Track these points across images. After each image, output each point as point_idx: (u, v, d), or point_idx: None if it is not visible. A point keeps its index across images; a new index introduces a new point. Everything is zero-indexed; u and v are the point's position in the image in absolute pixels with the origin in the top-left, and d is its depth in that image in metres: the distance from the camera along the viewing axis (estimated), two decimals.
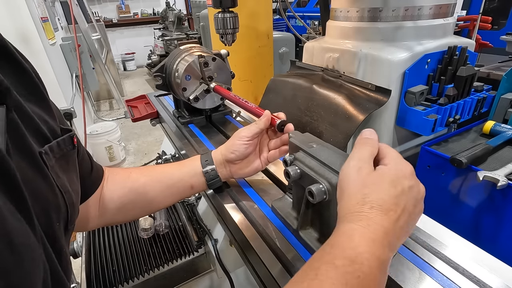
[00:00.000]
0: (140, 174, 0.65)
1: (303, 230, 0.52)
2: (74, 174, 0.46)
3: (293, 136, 0.54)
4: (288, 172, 0.48)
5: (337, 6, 1.10)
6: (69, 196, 0.39)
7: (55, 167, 0.38)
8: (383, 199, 0.35)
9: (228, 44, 1.15)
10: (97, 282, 0.79)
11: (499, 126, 1.01)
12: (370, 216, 0.34)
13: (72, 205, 0.40)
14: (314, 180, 0.45)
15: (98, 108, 4.78)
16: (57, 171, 0.38)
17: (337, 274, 0.31)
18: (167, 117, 1.15)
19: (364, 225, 0.33)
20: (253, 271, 0.58)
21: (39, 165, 0.34)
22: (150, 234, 0.92)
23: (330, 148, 0.49)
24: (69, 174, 0.43)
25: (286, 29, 3.62)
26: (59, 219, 0.36)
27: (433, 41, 0.97)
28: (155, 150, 3.32)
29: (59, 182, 0.37)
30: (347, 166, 0.39)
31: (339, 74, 1.03)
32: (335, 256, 0.32)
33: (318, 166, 0.46)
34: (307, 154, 0.49)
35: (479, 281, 0.44)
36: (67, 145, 0.43)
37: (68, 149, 0.43)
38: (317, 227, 0.51)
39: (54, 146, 0.39)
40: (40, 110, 0.40)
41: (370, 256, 0.32)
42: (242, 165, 0.65)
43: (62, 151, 0.41)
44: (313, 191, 0.42)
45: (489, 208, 0.88)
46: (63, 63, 3.03)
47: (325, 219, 0.48)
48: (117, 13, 7.12)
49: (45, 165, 0.35)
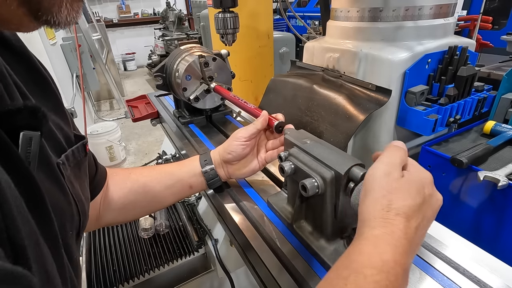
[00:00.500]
0: (139, 174, 0.65)
1: (297, 224, 0.54)
2: (85, 181, 0.46)
3: (288, 132, 0.55)
4: (282, 167, 0.49)
5: (337, 6, 1.10)
6: (82, 205, 0.39)
7: (70, 176, 0.38)
8: (408, 207, 0.35)
9: (229, 44, 1.15)
10: (98, 281, 0.79)
11: (499, 126, 1.01)
12: (395, 223, 0.34)
13: (84, 213, 0.40)
14: (307, 174, 0.46)
15: (99, 108, 4.78)
16: (72, 180, 0.39)
17: (366, 283, 0.31)
18: (167, 117, 1.15)
19: (388, 232, 0.33)
20: (253, 271, 0.58)
21: (57, 176, 0.35)
22: (150, 234, 0.92)
23: (323, 144, 0.50)
24: (81, 181, 0.43)
25: (287, 29, 3.62)
26: (72, 228, 0.36)
27: (433, 41, 0.97)
28: (155, 150, 3.32)
29: (73, 192, 0.37)
30: (376, 169, 0.38)
31: (340, 74, 1.03)
32: (363, 265, 0.32)
33: (311, 161, 0.47)
34: (301, 150, 0.50)
35: (480, 281, 0.44)
36: (81, 153, 0.43)
37: (81, 157, 0.43)
38: (310, 221, 0.53)
39: (69, 155, 0.39)
40: (56, 117, 0.40)
41: (395, 264, 0.32)
42: (240, 166, 0.65)
43: (76, 159, 0.41)
44: (306, 185, 0.44)
45: (490, 208, 0.88)
46: (63, 63, 3.04)
47: (318, 213, 0.49)
48: (117, 13, 7.12)
49: (62, 175, 0.35)
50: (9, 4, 0.29)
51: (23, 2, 0.29)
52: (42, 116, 0.29)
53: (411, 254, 0.34)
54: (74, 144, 0.41)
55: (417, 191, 0.36)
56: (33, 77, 0.39)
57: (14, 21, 0.31)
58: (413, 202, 0.35)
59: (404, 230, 0.34)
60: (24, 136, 0.28)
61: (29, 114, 0.28)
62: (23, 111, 0.28)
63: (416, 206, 0.35)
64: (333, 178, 0.44)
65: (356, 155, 1.09)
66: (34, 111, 0.28)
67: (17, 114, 0.27)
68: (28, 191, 0.27)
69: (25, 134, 0.28)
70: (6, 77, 0.32)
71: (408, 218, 0.34)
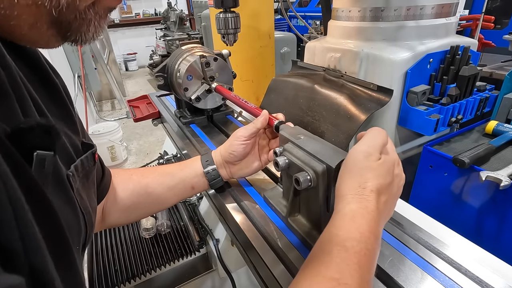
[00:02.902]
0: (141, 176, 0.64)
1: (292, 217, 0.56)
2: (93, 190, 0.44)
3: (283, 129, 0.57)
4: (277, 162, 0.51)
5: (338, 6, 1.10)
6: (89, 217, 0.38)
7: (79, 188, 0.37)
8: (380, 184, 0.40)
9: (230, 44, 1.15)
10: (99, 281, 0.80)
11: (502, 126, 1.00)
12: (369, 199, 0.39)
13: (91, 226, 0.39)
14: (300, 168, 0.48)
15: (100, 108, 4.79)
16: (80, 192, 0.37)
17: (349, 254, 0.35)
18: (168, 117, 1.15)
19: (363, 207, 0.38)
20: (254, 271, 0.58)
21: (67, 190, 0.33)
22: (152, 234, 0.93)
23: (316, 140, 0.52)
24: (89, 192, 0.42)
25: (288, 29, 3.62)
26: (79, 242, 0.35)
27: (435, 41, 0.97)
28: (156, 150, 3.33)
29: (82, 205, 0.36)
30: (358, 149, 0.42)
31: (341, 74, 1.02)
32: (344, 238, 0.36)
33: (304, 156, 0.49)
34: (295, 145, 0.52)
35: (482, 281, 0.44)
36: (90, 162, 0.41)
37: (90, 166, 0.41)
38: (304, 214, 0.55)
39: (78, 165, 0.37)
40: (64, 125, 0.39)
41: (370, 234, 0.37)
42: (242, 166, 0.66)
43: (85, 169, 0.39)
44: (299, 178, 0.46)
45: (492, 208, 0.88)
46: (65, 64, 3.05)
47: (311, 205, 0.51)
48: (119, 13, 7.13)
49: (72, 188, 0.34)
50: (40, 27, 0.28)
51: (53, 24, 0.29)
52: (55, 134, 0.28)
53: (381, 224, 0.40)
54: (82, 152, 0.39)
55: (388, 171, 0.41)
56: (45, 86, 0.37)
57: (42, 42, 0.31)
58: (384, 181, 0.40)
59: (376, 204, 0.39)
60: (38, 156, 0.26)
61: (42, 132, 0.26)
62: (36, 130, 0.26)
63: (386, 184, 0.41)
64: (324, 171, 0.45)
65: None
66: (47, 129, 0.27)
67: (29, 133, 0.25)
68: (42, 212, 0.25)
69: (39, 154, 0.26)
70: (21, 89, 0.29)
71: (379, 194, 0.40)
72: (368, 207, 0.38)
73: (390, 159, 0.43)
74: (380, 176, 0.40)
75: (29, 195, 0.24)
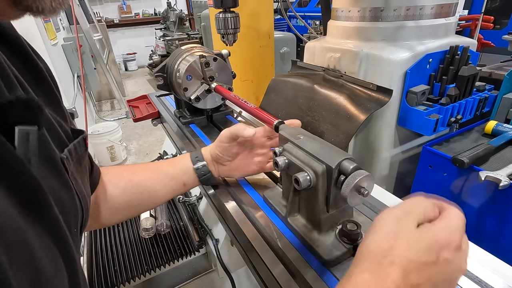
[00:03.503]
0: (132, 173, 0.64)
1: (292, 217, 0.56)
2: (85, 176, 0.45)
3: (282, 129, 0.57)
4: (276, 161, 0.51)
5: (338, 6, 1.10)
6: (85, 201, 0.38)
7: (73, 172, 0.37)
8: (408, 259, 0.31)
9: (229, 44, 1.15)
10: (99, 282, 0.79)
11: (501, 126, 1.01)
12: (387, 271, 0.31)
13: (86, 209, 0.39)
14: (300, 168, 0.48)
15: (100, 108, 4.79)
16: (75, 175, 0.37)
17: None
18: (168, 117, 1.15)
19: (377, 280, 0.31)
20: (254, 271, 0.58)
21: (61, 172, 0.33)
22: (151, 234, 0.92)
23: (316, 140, 0.52)
24: (83, 176, 0.42)
25: (287, 29, 3.62)
26: (76, 225, 0.35)
27: (434, 41, 0.97)
28: (156, 150, 3.33)
29: (77, 188, 0.36)
30: (391, 210, 0.36)
31: (341, 74, 1.02)
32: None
33: (304, 156, 0.49)
34: (294, 145, 0.52)
35: (481, 281, 0.44)
36: (81, 147, 0.41)
37: (82, 151, 0.41)
38: (304, 214, 0.55)
39: (72, 149, 0.37)
40: (54, 113, 0.38)
41: None
42: (231, 167, 0.66)
43: (78, 154, 0.39)
44: (298, 178, 0.46)
45: (491, 208, 0.88)
46: (64, 64, 3.04)
47: (311, 205, 0.51)
48: (118, 13, 7.13)
49: (66, 171, 0.34)
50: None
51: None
52: (37, 108, 0.27)
53: None
54: (73, 138, 0.39)
55: (428, 248, 0.31)
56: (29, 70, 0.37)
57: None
58: (417, 258, 0.31)
59: (396, 283, 0.30)
60: (20, 131, 0.25)
61: (22, 107, 0.25)
62: (16, 104, 0.25)
63: (421, 263, 0.31)
64: (324, 171, 0.45)
65: (357, 155, 1.09)
66: (28, 104, 0.26)
67: (9, 108, 0.25)
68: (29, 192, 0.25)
69: (21, 130, 0.25)
70: (5, 69, 0.30)
71: (406, 273, 0.30)
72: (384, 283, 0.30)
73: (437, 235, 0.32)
74: (411, 250, 0.31)
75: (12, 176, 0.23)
